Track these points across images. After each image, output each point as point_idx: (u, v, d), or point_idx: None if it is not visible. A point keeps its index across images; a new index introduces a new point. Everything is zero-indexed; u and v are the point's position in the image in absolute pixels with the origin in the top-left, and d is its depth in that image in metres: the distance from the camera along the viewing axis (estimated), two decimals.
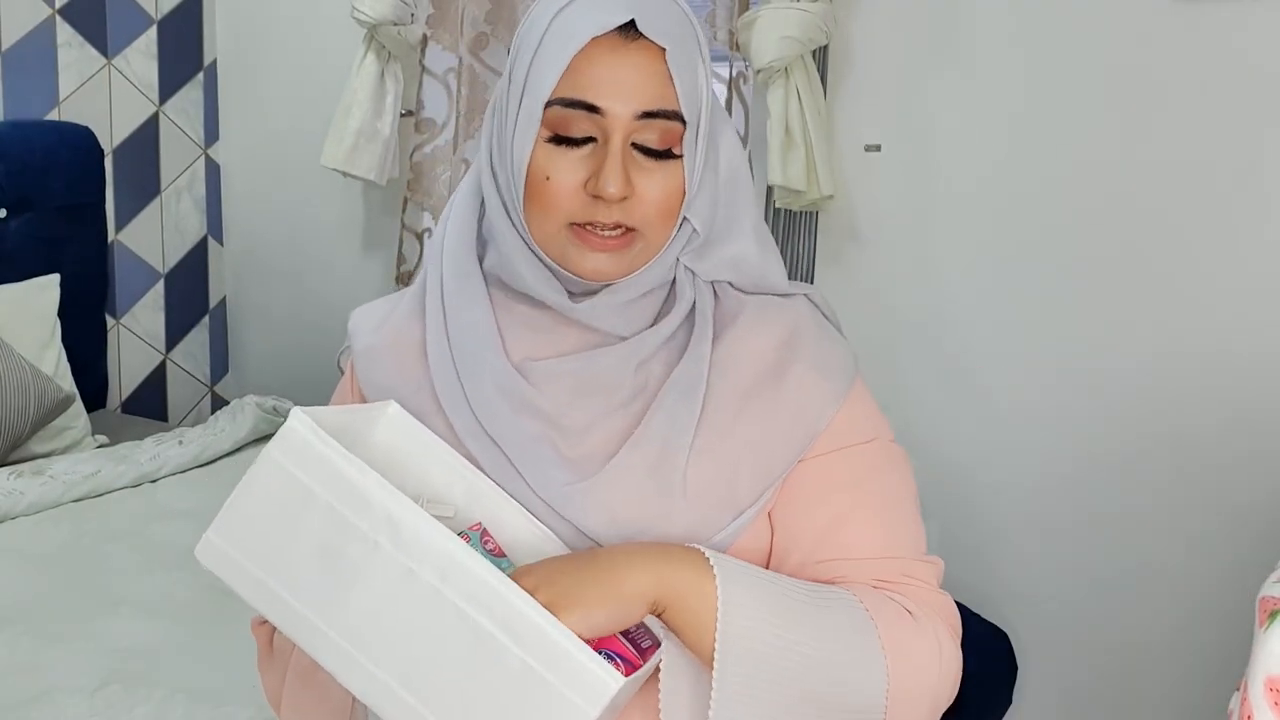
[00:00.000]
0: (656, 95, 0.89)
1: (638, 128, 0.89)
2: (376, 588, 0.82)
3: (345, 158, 2.51)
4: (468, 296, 0.98)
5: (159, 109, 2.89)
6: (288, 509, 0.85)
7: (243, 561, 0.87)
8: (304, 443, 0.85)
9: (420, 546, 0.81)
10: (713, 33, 2.23)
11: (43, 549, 1.90)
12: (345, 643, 0.83)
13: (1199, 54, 1.85)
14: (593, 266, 0.92)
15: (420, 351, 1.00)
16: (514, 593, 0.79)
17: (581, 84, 0.88)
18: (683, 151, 0.91)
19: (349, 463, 0.83)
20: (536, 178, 0.90)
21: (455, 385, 0.97)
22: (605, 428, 0.94)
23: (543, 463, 0.93)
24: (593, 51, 0.88)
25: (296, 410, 0.86)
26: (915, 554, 0.95)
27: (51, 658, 1.56)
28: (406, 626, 0.82)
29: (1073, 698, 2.07)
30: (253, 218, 3.03)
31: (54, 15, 2.63)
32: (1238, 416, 1.87)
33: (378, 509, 0.82)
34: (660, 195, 0.91)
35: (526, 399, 0.94)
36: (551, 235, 0.92)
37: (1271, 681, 0.98)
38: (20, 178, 2.47)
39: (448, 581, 0.80)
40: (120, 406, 2.89)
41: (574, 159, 0.90)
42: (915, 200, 2.14)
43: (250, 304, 3.09)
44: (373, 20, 2.42)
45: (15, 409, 2.17)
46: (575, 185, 0.90)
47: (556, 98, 0.88)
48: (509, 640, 0.79)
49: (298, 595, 0.85)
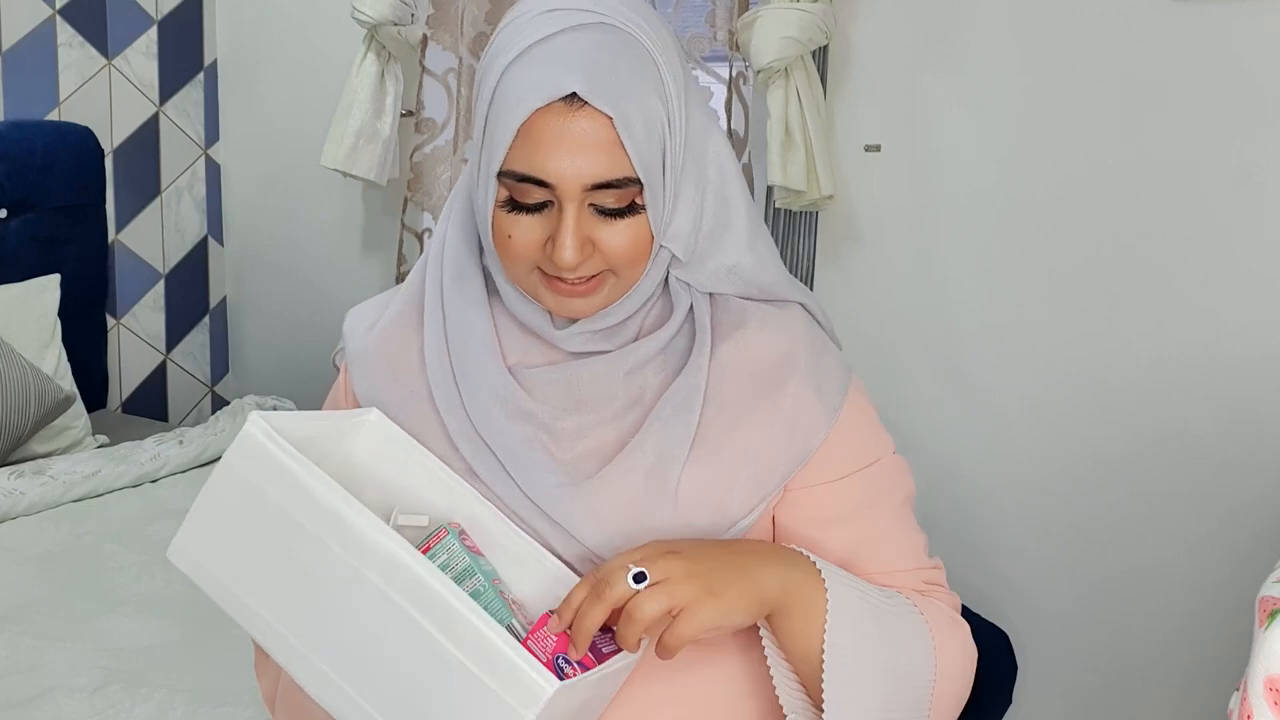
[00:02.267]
0: (606, 166, 0.86)
1: (590, 196, 0.87)
2: (329, 590, 0.82)
3: (345, 158, 2.51)
4: (467, 299, 0.98)
5: (159, 109, 2.89)
6: (245, 513, 0.86)
7: (208, 564, 0.88)
8: (258, 446, 0.85)
9: (365, 548, 0.81)
10: (713, 33, 2.23)
11: (43, 549, 1.90)
12: (301, 645, 0.84)
13: (1199, 54, 1.85)
14: (569, 310, 0.92)
15: (415, 355, 0.99)
16: (454, 595, 0.78)
17: (530, 157, 0.86)
18: (645, 205, 0.89)
19: (299, 465, 0.83)
20: (500, 234, 0.90)
21: (452, 388, 0.96)
22: (598, 435, 0.94)
23: (534, 465, 0.93)
24: (539, 121, 0.85)
25: (254, 414, 0.86)
26: (926, 560, 1.00)
27: (51, 658, 1.56)
28: (357, 629, 0.82)
29: (1073, 698, 2.07)
30: (253, 218, 3.03)
31: (54, 15, 2.63)
32: (1238, 416, 1.87)
33: (326, 511, 0.82)
34: (625, 245, 0.89)
35: (520, 405, 0.94)
36: (522, 278, 0.92)
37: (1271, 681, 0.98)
38: (20, 178, 2.47)
39: (392, 583, 0.80)
40: (120, 406, 2.89)
41: (530, 222, 0.88)
42: (915, 200, 2.14)
43: (250, 304, 3.09)
44: (373, 20, 2.42)
45: (15, 409, 2.17)
46: (535, 244, 0.89)
47: (506, 169, 0.87)
48: (449, 643, 0.78)
49: (257, 597, 0.86)
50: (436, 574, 0.79)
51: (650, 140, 0.88)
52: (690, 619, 0.82)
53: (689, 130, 0.93)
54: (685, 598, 0.81)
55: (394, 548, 0.80)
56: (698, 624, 0.82)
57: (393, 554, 0.80)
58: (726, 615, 0.83)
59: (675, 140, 0.90)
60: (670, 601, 0.81)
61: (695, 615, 0.82)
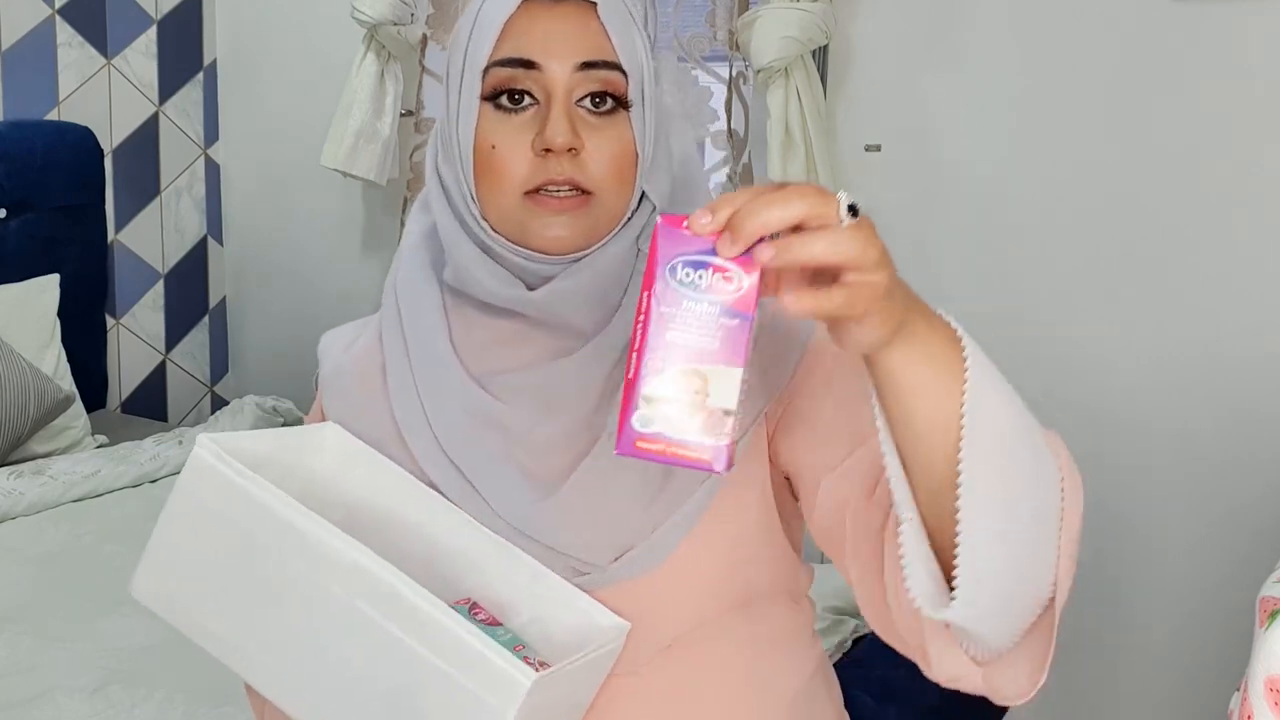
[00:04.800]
0: (593, 47, 0.88)
1: (578, 81, 0.87)
2: (295, 606, 0.81)
3: (345, 158, 2.51)
4: (423, 307, 0.96)
5: (159, 109, 2.89)
6: (204, 539, 0.85)
7: (172, 597, 0.87)
8: (209, 468, 0.83)
9: (329, 559, 0.79)
10: (713, 33, 2.23)
11: (43, 549, 1.90)
12: (276, 666, 0.83)
13: (1199, 54, 1.85)
14: (553, 234, 0.88)
15: (384, 376, 0.97)
16: (423, 597, 0.76)
17: (517, 44, 0.87)
18: (629, 101, 0.89)
19: (251, 482, 0.82)
20: (484, 151, 0.88)
21: (416, 407, 0.94)
22: (573, 441, 0.90)
23: (505, 483, 0.90)
24: (525, 13, 0.87)
25: (202, 437, 0.85)
26: None
27: (51, 658, 1.56)
28: (328, 642, 0.80)
29: (1073, 698, 2.07)
30: (253, 218, 3.02)
31: (54, 15, 2.63)
32: (1238, 416, 1.87)
33: (283, 525, 0.80)
34: (611, 152, 0.88)
35: (489, 414, 0.91)
36: (507, 210, 0.89)
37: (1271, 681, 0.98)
38: (20, 178, 2.47)
39: (358, 592, 0.78)
40: (120, 406, 2.89)
41: (518, 123, 0.88)
42: (915, 200, 2.14)
43: (250, 304, 3.08)
44: (373, 20, 2.42)
45: (15, 409, 2.17)
46: (522, 147, 0.87)
47: (493, 60, 0.88)
48: (422, 647, 0.76)
49: (226, 624, 0.84)
50: (400, 576, 0.77)
51: (632, 42, 0.89)
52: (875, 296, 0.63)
53: (659, 103, 0.92)
54: (878, 270, 0.62)
55: (355, 554, 0.78)
56: (881, 309, 0.63)
57: (354, 561, 0.78)
58: (926, 347, 0.66)
59: (649, 72, 0.91)
60: (863, 259, 0.61)
61: (880, 298, 0.63)
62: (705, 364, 0.63)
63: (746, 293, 0.63)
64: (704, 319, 0.63)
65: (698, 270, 0.63)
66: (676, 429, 0.63)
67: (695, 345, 0.63)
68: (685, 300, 0.63)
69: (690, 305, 0.63)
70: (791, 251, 0.62)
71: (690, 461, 0.63)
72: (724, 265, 0.63)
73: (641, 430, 0.63)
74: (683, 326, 0.63)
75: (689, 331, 0.63)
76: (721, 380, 0.63)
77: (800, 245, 0.62)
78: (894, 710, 1.54)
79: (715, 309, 0.63)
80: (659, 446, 0.64)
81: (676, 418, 0.63)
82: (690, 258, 0.63)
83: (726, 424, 0.63)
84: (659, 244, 0.64)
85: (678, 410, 0.63)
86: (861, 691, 1.53)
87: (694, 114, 2.26)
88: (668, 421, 0.63)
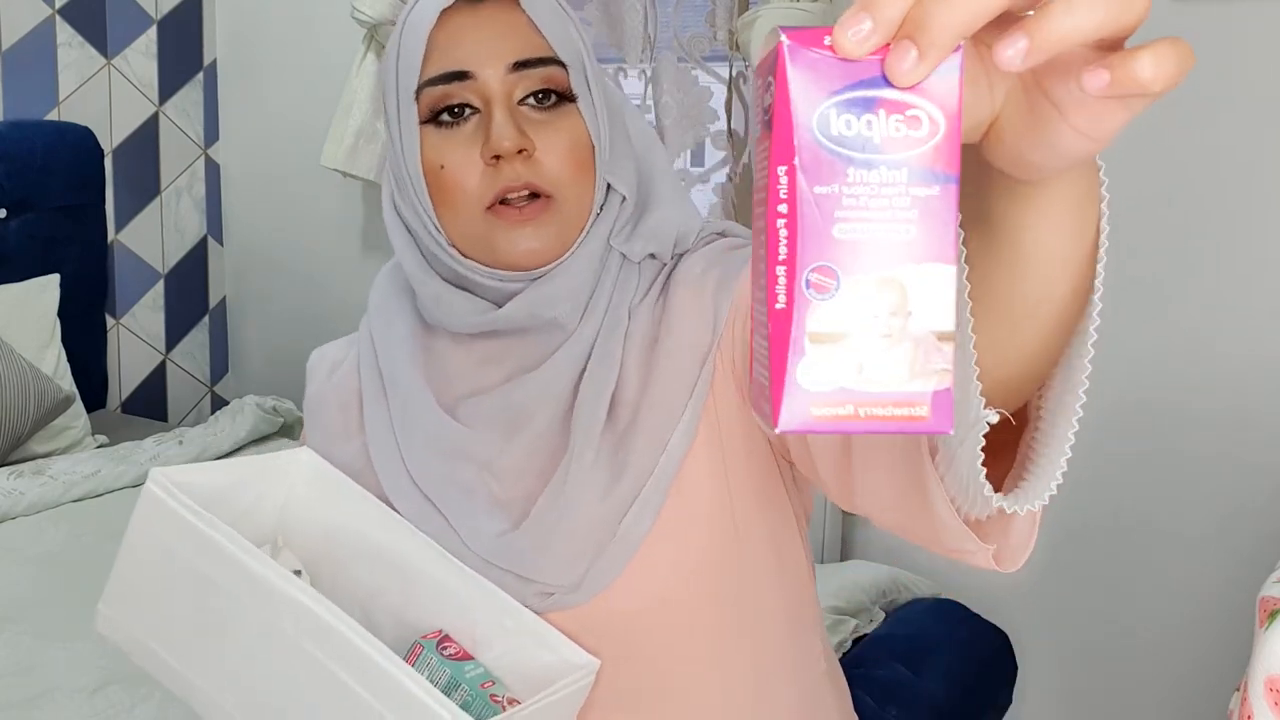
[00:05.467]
0: (524, 45, 0.84)
1: (515, 82, 0.84)
2: (244, 643, 0.80)
3: (345, 158, 2.51)
4: (395, 337, 0.94)
5: (159, 109, 2.89)
6: (157, 571, 0.84)
7: (130, 628, 0.86)
8: (159, 503, 0.82)
9: (275, 598, 0.78)
10: (713, 33, 2.23)
11: (43, 549, 1.90)
12: (224, 700, 0.82)
13: (1199, 54, 1.85)
14: (524, 248, 0.84)
15: (361, 405, 0.96)
16: (364, 639, 0.75)
17: (445, 58, 0.84)
18: (575, 94, 0.85)
19: (200, 519, 0.81)
20: (434, 174, 0.85)
21: (389, 439, 0.92)
22: (536, 461, 0.87)
23: (475, 514, 0.88)
24: (447, 24, 0.85)
25: (153, 471, 0.83)
26: None
27: (51, 658, 1.56)
28: (275, 680, 0.79)
29: (1073, 698, 2.07)
30: (253, 218, 3.03)
31: (54, 15, 2.63)
32: (1238, 416, 1.87)
33: (233, 563, 0.79)
34: (564, 147, 0.84)
35: (457, 445, 0.89)
36: (471, 230, 0.85)
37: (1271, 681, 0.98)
38: (20, 178, 2.47)
39: (304, 633, 0.77)
40: (120, 406, 2.89)
41: (462, 137, 0.85)
42: None
43: (250, 304, 3.08)
44: (373, 20, 2.41)
45: (15, 409, 2.17)
46: (472, 161, 0.84)
47: (424, 80, 0.85)
48: (364, 691, 0.75)
49: (177, 655, 0.84)
50: (345, 619, 0.76)
51: (565, 30, 0.86)
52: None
53: (609, 91, 0.89)
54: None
55: (303, 598, 0.76)
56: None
57: (302, 604, 0.76)
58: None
59: (590, 58, 0.87)
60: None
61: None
62: (900, 265, 0.41)
63: (947, 137, 0.40)
64: (887, 192, 0.41)
65: (863, 114, 0.40)
66: (872, 377, 0.41)
67: (880, 238, 0.41)
68: (852, 167, 0.40)
69: (861, 174, 0.40)
70: (1057, 28, 0.39)
71: (900, 424, 0.41)
72: (904, 99, 0.40)
73: (815, 389, 0.41)
74: (855, 211, 0.41)
75: (867, 217, 0.41)
76: (927, 286, 0.41)
77: (1064, 14, 0.39)
78: (894, 710, 1.54)
79: (903, 173, 0.40)
80: (846, 410, 0.41)
81: (868, 359, 0.41)
82: (848, 95, 0.40)
83: (942, 355, 0.41)
84: (792, 83, 0.40)
85: (868, 346, 0.41)
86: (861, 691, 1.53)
87: (694, 114, 2.26)
88: (855, 367, 0.41)
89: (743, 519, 0.86)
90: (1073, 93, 0.42)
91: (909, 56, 0.39)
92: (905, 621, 1.80)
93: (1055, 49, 0.40)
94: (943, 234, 0.41)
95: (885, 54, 0.40)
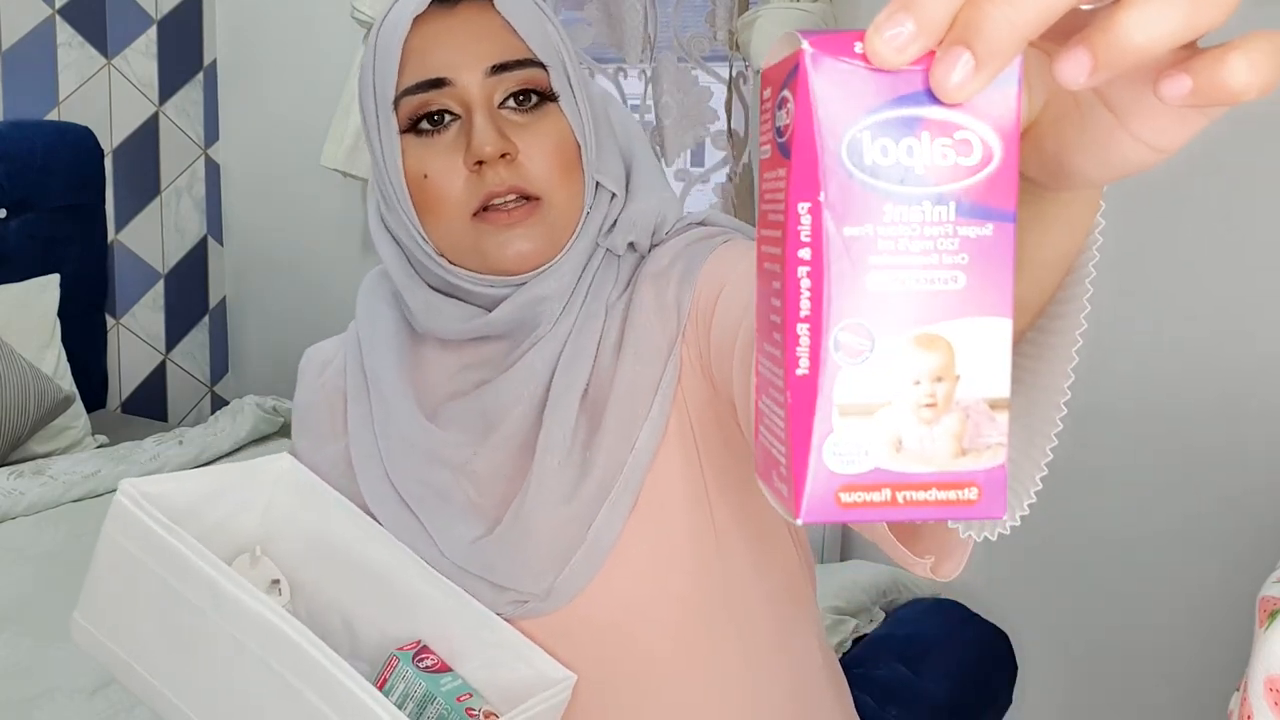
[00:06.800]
0: (501, 47, 0.83)
1: (494, 85, 0.83)
2: (214, 658, 0.80)
3: (345, 158, 2.51)
4: (380, 343, 0.94)
5: (159, 109, 2.89)
6: (128, 583, 0.83)
7: (104, 640, 0.86)
8: (128, 514, 0.82)
9: (242, 616, 0.77)
10: (713, 33, 2.23)
11: (43, 549, 1.90)
12: (193, 712, 0.81)
13: None
14: (514, 250, 0.83)
15: (346, 407, 0.95)
16: (331, 661, 0.74)
17: (421, 65, 0.83)
18: (556, 93, 0.84)
19: (169, 532, 0.80)
20: (418, 183, 0.84)
21: (371, 446, 0.92)
22: (510, 468, 0.86)
23: (451, 520, 0.87)
24: (421, 30, 0.83)
25: (123, 482, 0.83)
26: None
27: (51, 658, 1.56)
28: (244, 697, 0.79)
29: (1073, 698, 2.07)
30: (253, 218, 3.03)
31: (54, 15, 2.63)
32: (1238, 416, 1.87)
33: (201, 579, 0.79)
34: (548, 148, 0.83)
35: (435, 450, 0.88)
36: (458, 238, 0.84)
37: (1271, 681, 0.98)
38: (20, 178, 2.47)
39: (270, 651, 0.76)
40: (120, 406, 2.89)
41: (443, 144, 0.84)
42: None
43: (250, 304, 3.08)
44: (372, 20, 2.41)
45: (15, 409, 2.17)
46: (455, 168, 0.83)
47: (402, 90, 0.84)
48: (331, 711, 0.74)
49: (149, 669, 0.84)
50: (311, 639, 0.75)
51: (543, 30, 0.85)
52: None
53: (589, 85, 0.89)
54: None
55: (269, 616, 0.76)
56: None
57: (268, 622, 0.76)
58: None
59: (570, 55, 0.86)
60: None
61: None
62: (946, 320, 0.35)
63: (1003, 164, 0.34)
64: (932, 233, 0.34)
65: (902, 138, 0.34)
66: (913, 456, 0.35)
67: (923, 288, 0.35)
68: (889, 203, 0.34)
69: (901, 211, 0.34)
70: (1129, 40, 0.33)
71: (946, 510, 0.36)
72: (952, 119, 0.34)
73: (844, 471, 0.35)
74: (894, 256, 0.34)
75: (907, 263, 0.34)
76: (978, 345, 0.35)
77: (1137, 22, 0.33)
78: (894, 710, 1.54)
79: (950, 209, 0.34)
80: (882, 495, 0.35)
81: (909, 433, 0.35)
82: (884, 115, 0.34)
83: (996, 427, 0.36)
84: (817, 102, 0.34)
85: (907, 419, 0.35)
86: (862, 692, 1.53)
87: (694, 114, 2.26)
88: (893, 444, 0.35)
89: (722, 516, 0.84)
90: (1140, 99, 0.37)
91: (962, 66, 0.33)
92: (905, 621, 1.80)
93: (1126, 64, 0.34)
94: (998, 282, 0.35)
95: (929, 64, 0.33)
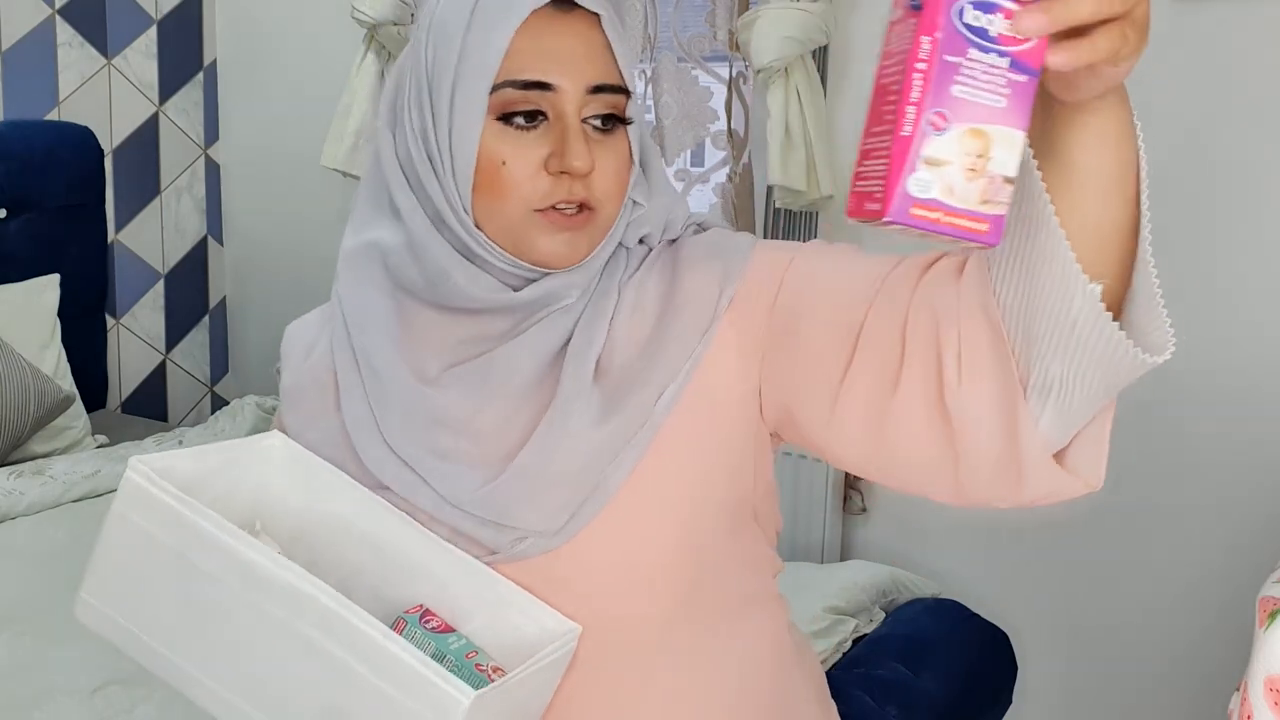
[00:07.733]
0: (603, 69, 0.86)
1: (588, 102, 0.86)
2: (233, 627, 0.81)
3: (345, 158, 2.51)
4: (370, 314, 0.95)
5: (159, 109, 2.89)
6: (140, 559, 0.84)
7: (114, 617, 0.87)
8: (141, 490, 0.83)
9: (265, 581, 0.79)
10: (713, 33, 2.23)
11: (43, 549, 1.90)
12: (215, 685, 0.83)
13: (1199, 54, 1.85)
14: (557, 250, 0.87)
15: (337, 385, 0.96)
16: (361, 618, 0.76)
17: (528, 62, 0.84)
18: (630, 118, 0.89)
19: (185, 505, 0.81)
20: (490, 166, 0.85)
21: (366, 414, 0.93)
22: (520, 421, 0.89)
23: (453, 471, 0.89)
24: (532, 25, 0.84)
25: (133, 459, 0.84)
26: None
27: (51, 658, 1.56)
28: (268, 663, 0.80)
29: (1073, 698, 2.07)
30: (253, 218, 3.03)
31: (54, 15, 2.63)
32: (1238, 416, 1.87)
33: (220, 548, 0.80)
34: (615, 169, 0.88)
35: (433, 412, 0.90)
36: (511, 224, 0.86)
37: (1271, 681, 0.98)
38: (20, 178, 2.47)
39: (296, 613, 0.78)
40: (120, 406, 2.89)
41: (529, 140, 0.85)
42: None
43: (250, 304, 3.08)
44: (373, 20, 2.41)
45: (15, 409, 2.17)
46: (535, 165, 0.85)
47: (505, 79, 0.84)
48: (363, 667, 0.76)
49: (165, 643, 0.85)
50: (338, 598, 0.77)
51: (631, 54, 0.90)
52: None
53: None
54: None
55: (294, 579, 0.78)
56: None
57: (294, 585, 0.78)
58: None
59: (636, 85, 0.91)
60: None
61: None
62: (990, 124, 0.57)
63: (1037, 44, 0.57)
64: (992, 72, 0.57)
65: (988, 13, 0.57)
66: (956, 196, 0.57)
67: (982, 101, 0.57)
68: (973, 49, 0.57)
69: (978, 55, 0.57)
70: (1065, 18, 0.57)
71: (964, 232, 0.58)
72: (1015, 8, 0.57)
73: (918, 195, 0.57)
74: (969, 80, 0.57)
75: (976, 86, 0.57)
76: (1004, 144, 0.57)
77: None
78: (894, 710, 1.54)
79: (1005, 61, 0.57)
80: (935, 215, 0.58)
81: (957, 183, 0.57)
82: None
83: (1005, 192, 0.58)
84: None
85: (958, 175, 0.57)
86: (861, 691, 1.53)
87: (694, 114, 2.26)
88: (947, 187, 0.57)
89: (713, 488, 0.89)
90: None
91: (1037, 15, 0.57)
92: (905, 621, 1.80)
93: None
94: (1022, 109, 0.57)
95: None
